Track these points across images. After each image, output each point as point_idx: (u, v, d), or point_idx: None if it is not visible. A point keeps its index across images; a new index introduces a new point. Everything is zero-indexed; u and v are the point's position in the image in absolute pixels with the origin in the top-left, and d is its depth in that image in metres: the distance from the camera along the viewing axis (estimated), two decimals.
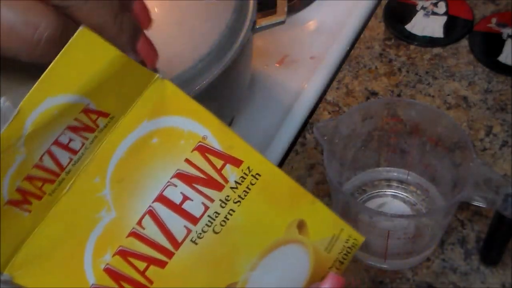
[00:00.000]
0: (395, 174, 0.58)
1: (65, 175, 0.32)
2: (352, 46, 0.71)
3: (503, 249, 0.51)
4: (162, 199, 0.33)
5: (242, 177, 0.34)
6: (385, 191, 0.58)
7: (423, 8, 0.73)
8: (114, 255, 0.32)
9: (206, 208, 0.34)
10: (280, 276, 0.35)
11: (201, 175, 0.34)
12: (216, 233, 0.34)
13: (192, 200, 0.33)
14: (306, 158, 0.61)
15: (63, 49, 0.30)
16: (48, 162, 0.31)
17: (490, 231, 0.50)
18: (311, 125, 0.64)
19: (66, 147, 0.31)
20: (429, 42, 0.70)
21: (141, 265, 0.33)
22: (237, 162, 0.34)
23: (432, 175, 0.56)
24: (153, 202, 0.33)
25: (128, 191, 0.33)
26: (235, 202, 0.34)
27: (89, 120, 0.32)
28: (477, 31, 0.70)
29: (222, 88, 0.55)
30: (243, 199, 0.34)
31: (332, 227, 0.37)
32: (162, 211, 0.33)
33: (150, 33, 0.45)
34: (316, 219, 0.36)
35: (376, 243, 0.51)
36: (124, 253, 0.32)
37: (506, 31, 0.69)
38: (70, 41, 0.30)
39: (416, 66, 0.68)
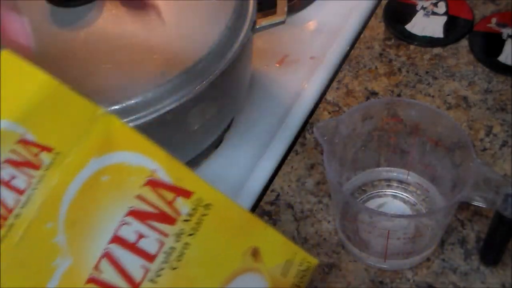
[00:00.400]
0: (395, 174, 0.58)
1: (14, 220, 0.29)
2: (352, 46, 0.71)
3: (503, 249, 0.51)
4: (117, 239, 0.32)
5: (193, 208, 0.34)
6: (385, 191, 0.58)
7: (423, 8, 0.73)
8: None
9: (162, 244, 0.33)
10: None
11: (154, 210, 0.33)
12: (174, 269, 0.33)
13: (147, 237, 0.32)
14: (306, 158, 0.61)
15: None
16: None
17: (490, 231, 0.50)
18: (311, 125, 0.64)
19: (9, 186, 0.29)
20: (429, 42, 0.70)
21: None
22: (187, 194, 0.34)
23: (432, 175, 0.56)
24: (108, 243, 0.31)
25: (82, 234, 0.31)
26: (189, 235, 0.33)
27: (30, 154, 0.30)
28: (477, 31, 0.70)
29: (222, 88, 0.55)
30: (197, 231, 0.33)
31: (285, 252, 0.36)
32: (118, 252, 0.32)
33: (150, 33, 0.45)
34: (269, 245, 0.36)
35: (376, 243, 0.51)
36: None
37: (506, 31, 0.69)
38: None
39: (416, 66, 0.68)
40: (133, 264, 0.32)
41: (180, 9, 0.56)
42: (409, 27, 0.71)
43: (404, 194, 0.58)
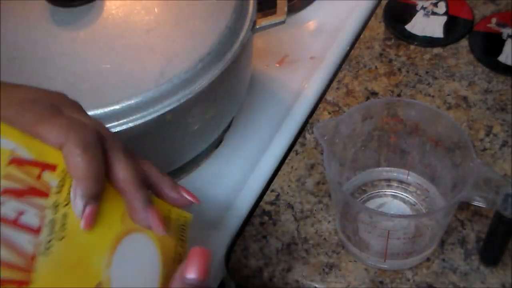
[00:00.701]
0: (395, 174, 0.58)
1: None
2: (352, 46, 0.71)
3: (503, 249, 0.51)
4: (4, 220, 0.32)
5: (61, 180, 0.34)
6: (385, 191, 0.58)
7: (423, 8, 0.73)
8: None
9: (42, 217, 0.33)
10: (135, 265, 0.35)
11: (24, 187, 0.33)
12: (62, 239, 0.33)
13: (26, 213, 0.33)
14: (306, 158, 0.61)
15: None
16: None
17: (490, 231, 0.50)
18: (311, 125, 0.64)
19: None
20: (429, 42, 0.70)
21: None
22: (52, 167, 0.34)
23: (432, 175, 0.56)
24: None
25: None
26: (65, 205, 0.34)
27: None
28: (477, 31, 0.70)
29: (222, 88, 0.55)
30: (70, 201, 0.34)
31: (160, 210, 0.37)
32: (4, 231, 0.32)
33: (150, 33, 0.45)
34: None
35: (376, 243, 0.51)
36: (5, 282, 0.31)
37: (506, 31, 0.69)
38: None
39: (416, 66, 0.68)
40: (21, 240, 0.32)
41: (180, 9, 0.56)
42: (409, 27, 0.71)
43: (404, 194, 0.58)
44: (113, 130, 0.49)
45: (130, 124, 0.49)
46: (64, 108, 0.35)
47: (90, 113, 0.40)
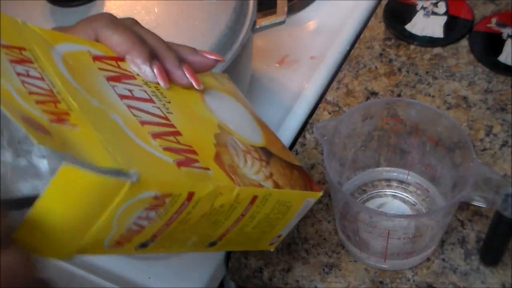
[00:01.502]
0: (395, 174, 0.58)
1: (61, 97, 0.32)
2: (352, 46, 0.71)
3: (503, 249, 0.51)
4: (122, 97, 0.35)
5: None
6: (385, 191, 0.58)
7: (423, 8, 0.73)
8: (155, 139, 0.34)
9: (144, 90, 0.37)
10: (230, 112, 0.42)
11: (118, 74, 0.37)
12: (169, 102, 0.38)
13: (134, 90, 0.37)
14: (306, 158, 0.61)
15: None
16: None
17: (490, 231, 0.50)
18: (311, 125, 0.64)
19: (30, 76, 0.32)
20: (429, 42, 0.70)
21: (171, 138, 0.35)
22: (120, 59, 0.38)
23: (432, 175, 0.56)
24: (121, 100, 0.35)
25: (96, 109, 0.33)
26: (152, 83, 0.39)
27: (16, 55, 0.33)
28: (477, 31, 0.70)
29: None
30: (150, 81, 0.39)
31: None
32: (131, 103, 0.35)
33: None
34: None
35: (376, 243, 0.51)
36: (157, 135, 0.34)
37: (506, 31, 0.69)
38: None
39: (416, 66, 0.68)
40: (147, 107, 0.36)
41: (180, 9, 0.56)
42: (409, 27, 0.71)
43: (404, 194, 0.58)
44: None
45: None
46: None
47: None
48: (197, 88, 0.40)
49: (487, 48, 0.68)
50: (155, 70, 0.38)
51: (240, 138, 0.40)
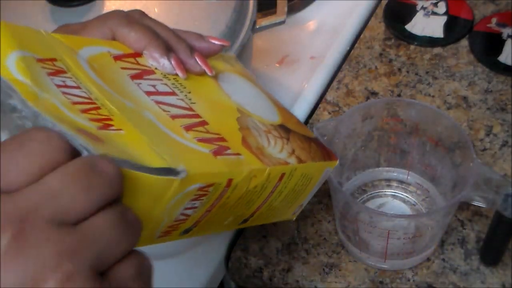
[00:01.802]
0: (395, 174, 0.58)
1: (100, 103, 0.33)
2: (352, 46, 0.71)
3: (503, 249, 0.51)
4: (148, 93, 0.36)
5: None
6: (385, 191, 0.58)
7: (423, 8, 0.73)
8: (188, 132, 0.35)
9: (165, 84, 0.38)
10: (245, 94, 0.44)
11: (139, 71, 0.38)
12: (189, 92, 0.39)
13: (157, 85, 0.38)
14: None
15: None
16: None
17: (490, 231, 0.50)
18: (311, 125, 0.64)
19: (67, 86, 0.33)
20: (429, 42, 0.70)
21: (201, 128, 0.36)
22: (138, 54, 0.40)
23: (432, 175, 0.56)
24: (149, 97, 0.36)
25: (130, 109, 0.34)
26: (170, 75, 0.40)
27: (51, 66, 0.33)
28: (477, 31, 0.70)
29: None
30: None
31: None
32: (157, 98, 0.36)
33: None
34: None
35: (376, 243, 0.51)
36: (189, 127, 0.35)
37: (506, 31, 0.69)
38: None
39: (416, 66, 0.68)
40: (172, 101, 0.37)
41: (180, 9, 0.56)
42: (409, 27, 0.71)
43: (404, 194, 0.58)
44: None
45: None
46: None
47: None
48: (210, 74, 0.42)
49: (487, 48, 0.68)
50: (172, 62, 0.40)
51: (259, 119, 0.41)
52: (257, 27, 0.59)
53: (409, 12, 0.73)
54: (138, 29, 0.39)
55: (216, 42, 0.43)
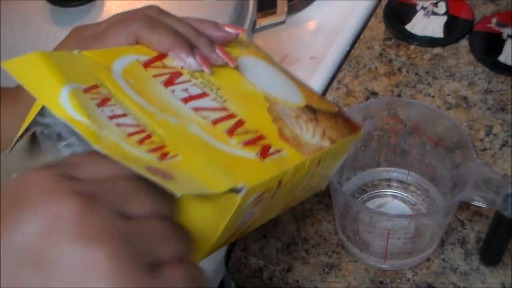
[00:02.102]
0: (395, 174, 0.58)
1: (148, 129, 0.34)
2: (352, 46, 0.71)
3: (503, 249, 0.51)
4: (183, 100, 0.37)
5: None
6: (385, 191, 0.58)
7: (423, 8, 0.73)
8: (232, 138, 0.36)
9: (195, 85, 0.39)
10: (269, 79, 0.44)
11: (169, 75, 0.39)
12: (218, 89, 0.40)
13: (188, 88, 0.38)
14: None
15: None
16: None
17: (490, 231, 0.50)
18: None
19: (116, 117, 0.33)
20: (429, 42, 0.70)
21: (240, 130, 0.37)
22: (163, 56, 0.40)
23: (432, 175, 0.56)
24: (186, 104, 0.37)
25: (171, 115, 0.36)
26: (195, 73, 0.40)
27: (97, 95, 0.34)
28: (477, 31, 0.70)
29: None
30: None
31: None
32: (194, 103, 0.37)
33: None
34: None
35: (376, 243, 0.51)
36: (230, 132, 0.37)
37: (506, 31, 0.69)
38: None
39: (416, 66, 0.68)
40: (207, 103, 0.38)
41: (180, 9, 0.56)
42: (409, 27, 0.71)
43: (404, 194, 0.58)
44: None
45: None
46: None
47: None
48: (231, 66, 0.42)
49: (487, 48, 0.68)
50: (198, 59, 0.40)
51: (286, 104, 0.42)
52: (257, 27, 0.59)
53: (409, 12, 0.73)
54: (161, 31, 0.40)
55: (232, 31, 0.43)
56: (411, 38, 0.70)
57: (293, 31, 0.75)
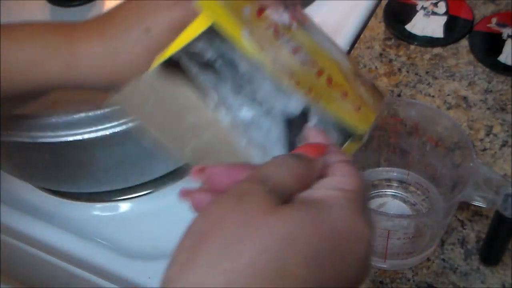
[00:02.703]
0: (395, 174, 0.58)
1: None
2: (352, 46, 0.71)
3: (503, 249, 0.51)
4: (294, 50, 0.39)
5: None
6: (385, 191, 0.58)
7: (423, 8, 0.73)
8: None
9: (292, 40, 0.40)
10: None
11: (273, 27, 0.40)
12: (304, 45, 0.41)
13: (290, 41, 0.40)
14: None
15: None
16: None
17: (490, 231, 0.50)
18: None
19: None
20: (429, 42, 0.70)
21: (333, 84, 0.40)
22: (261, 11, 0.40)
23: (432, 175, 0.56)
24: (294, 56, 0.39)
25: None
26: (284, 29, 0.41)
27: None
28: (477, 31, 0.70)
29: None
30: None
31: None
32: (300, 56, 0.40)
33: None
34: None
35: (376, 243, 0.51)
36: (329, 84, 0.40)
37: (506, 31, 0.69)
38: None
39: (416, 66, 0.68)
40: (306, 59, 0.40)
41: None
42: (409, 27, 0.71)
43: (404, 194, 0.58)
44: (109, 130, 0.49)
45: (129, 124, 0.49)
46: None
47: (87, 113, 0.40)
48: (305, 26, 0.43)
49: (487, 48, 0.68)
50: (289, 14, 0.42)
51: (344, 66, 0.43)
52: None
53: (409, 12, 0.73)
54: None
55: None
56: (411, 38, 0.70)
57: None
